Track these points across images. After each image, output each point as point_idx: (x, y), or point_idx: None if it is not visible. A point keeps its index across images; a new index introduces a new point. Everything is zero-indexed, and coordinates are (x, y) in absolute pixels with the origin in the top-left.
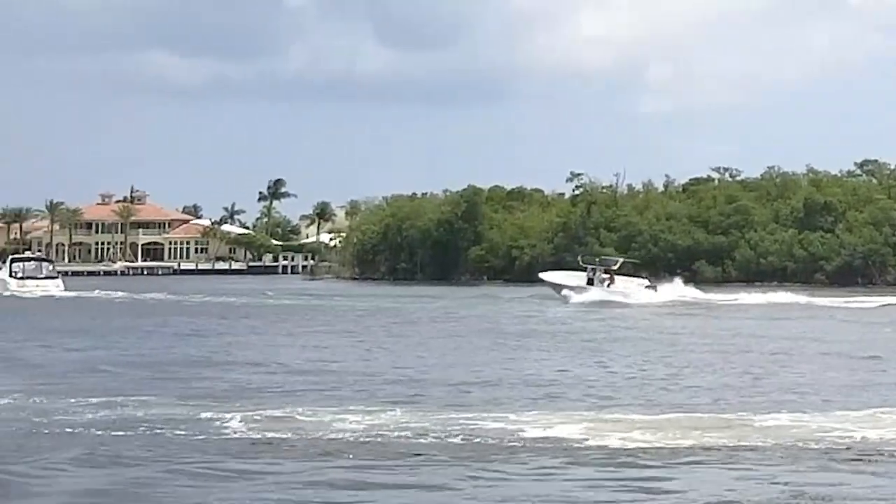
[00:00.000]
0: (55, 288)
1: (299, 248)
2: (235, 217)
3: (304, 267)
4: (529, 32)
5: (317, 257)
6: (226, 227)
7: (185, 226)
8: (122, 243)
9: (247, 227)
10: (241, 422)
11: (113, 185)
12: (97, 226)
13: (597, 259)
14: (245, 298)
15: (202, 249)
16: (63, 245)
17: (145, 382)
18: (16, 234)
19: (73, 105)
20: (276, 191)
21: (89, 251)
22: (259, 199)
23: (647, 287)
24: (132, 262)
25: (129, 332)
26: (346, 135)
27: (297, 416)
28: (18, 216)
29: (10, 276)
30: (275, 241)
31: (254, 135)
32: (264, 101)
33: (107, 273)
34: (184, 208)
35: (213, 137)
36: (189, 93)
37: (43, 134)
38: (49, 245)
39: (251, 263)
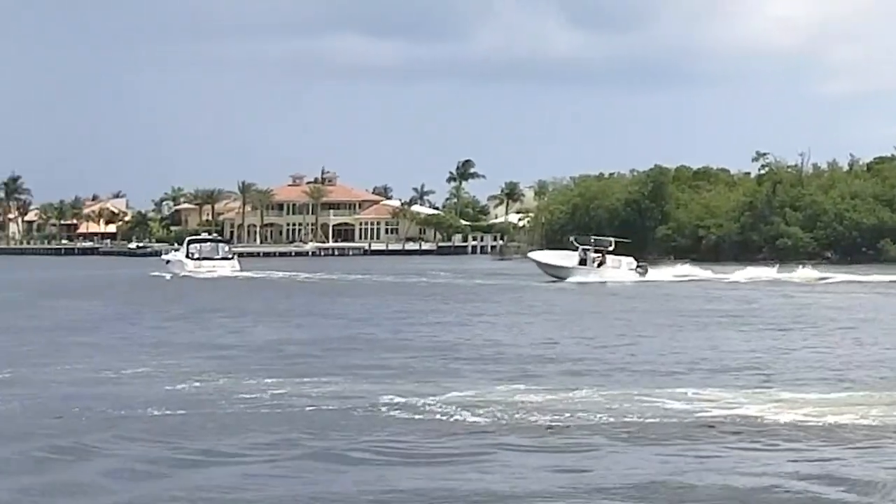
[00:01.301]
0: (230, 269)
1: (488, 229)
2: (425, 198)
3: (492, 247)
4: (713, 14)
5: (505, 237)
6: (416, 208)
7: (375, 206)
8: (312, 224)
9: (436, 208)
10: (429, 402)
11: (304, 166)
12: (288, 207)
13: (592, 239)
14: (433, 279)
15: (392, 230)
16: (255, 226)
17: (325, 362)
18: (208, 215)
19: (265, 88)
20: (465, 171)
21: (280, 232)
22: (448, 180)
23: (637, 268)
24: (323, 242)
25: (308, 313)
26: (534, 115)
27: (487, 397)
28: (211, 197)
29: (187, 256)
30: (464, 222)
31: (443, 116)
32: (453, 83)
33: (298, 254)
34: (374, 189)
35: (403, 119)
36: (379, 75)
37: (235, 116)
38: (241, 226)
39: (441, 244)
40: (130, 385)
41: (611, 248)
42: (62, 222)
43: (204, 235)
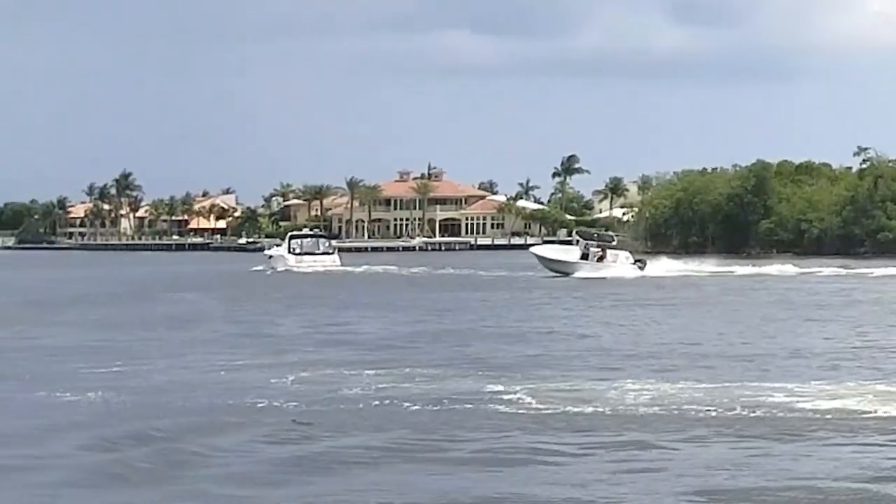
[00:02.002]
0: (331, 263)
1: (593, 223)
2: (530, 193)
3: None
4: (816, 9)
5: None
6: (521, 203)
7: (481, 202)
8: (419, 219)
9: (541, 203)
10: (528, 395)
11: (411, 162)
12: (396, 202)
13: (594, 234)
14: (539, 272)
15: (498, 225)
16: (363, 221)
17: (428, 355)
18: (317, 211)
19: (374, 84)
20: (569, 167)
21: (388, 227)
22: (553, 175)
23: (635, 262)
24: (430, 237)
25: (412, 306)
26: (638, 110)
27: (589, 390)
28: (319, 193)
29: (289, 251)
30: (569, 216)
31: (548, 112)
32: (559, 79)
33: (405, 249)
34: (480, 184)
35: (508, 114)
36: (485, 71)
37: (343, 112)
38: (349, 221)
39: (546, 238)
40: (235, 377)
41: (613, 244)
42: (173, 218)
43: (305, 231)
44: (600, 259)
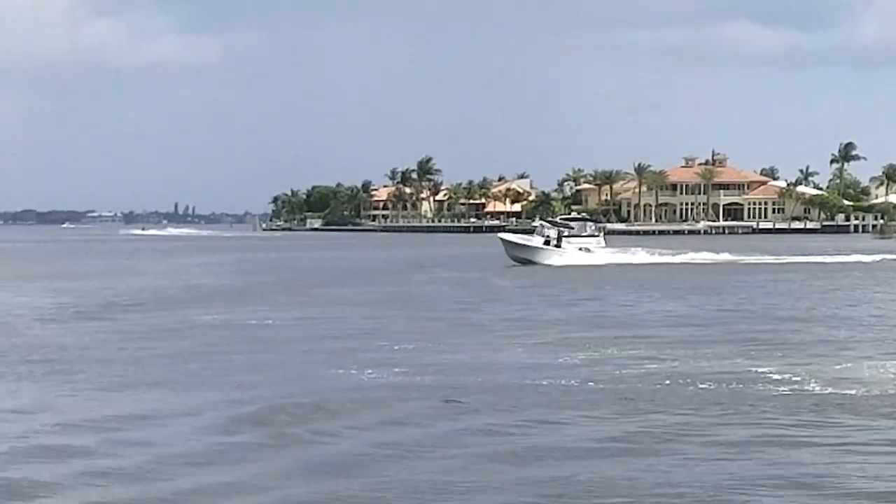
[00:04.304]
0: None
1: (869, 209)
2: (809, 179)
3: (873, 226)
4: None
5: (885, 217)
6: (800, 189)
7: (762, 187)
8: (704, 204)
9: (820, 189)
10: (804, 378)
11: (695, 148)
12: (681, 187)
13: (558, 221)
14: (815, 256)
15: (778, 209)
16: (650, 205)
17: (706, 336)
18: (606, 195)
19: (659, 74)
20: (846, 154)
21: (674, 211)
22: (831, 162)
23: (580, 249)
24: (714, 221)
25: (673, 287)
26: None
27: (857, 373)
28: (609, 178)
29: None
30: (846, 202)
31: (826, 100)
32: (838, 68)
33: (691, 232)
34: (761, 170)
35: (789, 103)
36: (768, 60)
37: (632, 101)
38: (637, 206)
39: (824, 223)
40: (520, 357)
41: (569, 233)
42: (471, 202)
43: (574, 214)
44: (557, 246)
